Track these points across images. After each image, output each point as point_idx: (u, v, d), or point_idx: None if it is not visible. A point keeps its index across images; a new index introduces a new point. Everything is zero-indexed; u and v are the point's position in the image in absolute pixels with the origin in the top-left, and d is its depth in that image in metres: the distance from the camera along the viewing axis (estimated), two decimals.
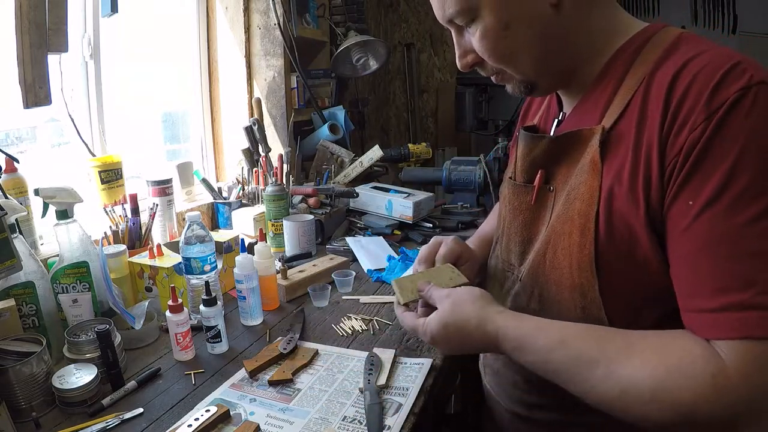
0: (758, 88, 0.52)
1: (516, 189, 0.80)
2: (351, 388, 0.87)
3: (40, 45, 1.07)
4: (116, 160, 1.35)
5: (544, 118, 0.83)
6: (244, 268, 1.10)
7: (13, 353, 0.85)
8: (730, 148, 0.52)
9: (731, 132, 0.52)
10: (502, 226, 0.86)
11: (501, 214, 0.87)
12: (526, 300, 0.77)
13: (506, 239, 0.84)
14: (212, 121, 2.04)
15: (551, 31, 0.65)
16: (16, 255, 0.90)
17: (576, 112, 0.72)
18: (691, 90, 0.55)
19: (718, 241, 0.53)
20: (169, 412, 0.83)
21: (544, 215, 0.75)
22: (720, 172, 0.53)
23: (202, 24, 1.95)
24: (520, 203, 0.79)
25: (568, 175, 0.70)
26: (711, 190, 0.53)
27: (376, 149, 1.93)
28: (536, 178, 0.75)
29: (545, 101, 0.86)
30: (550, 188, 0.74)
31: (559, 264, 0.69)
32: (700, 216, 0.54)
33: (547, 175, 0.74)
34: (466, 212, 1.82)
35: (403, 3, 3.27)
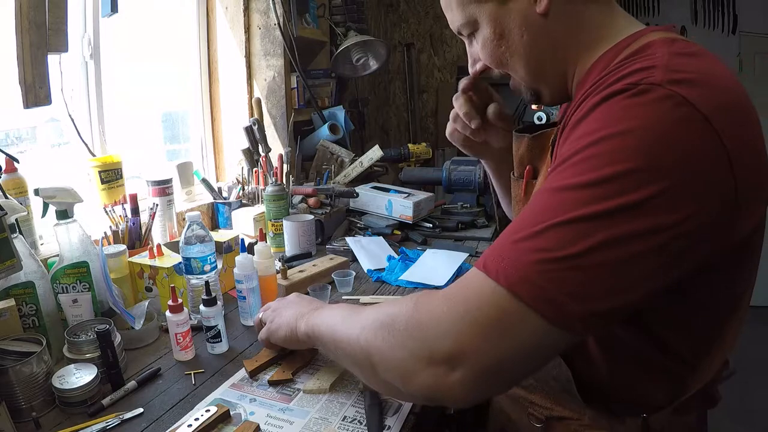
0: (648, 87, 0.51)
1: (514, 183, 0.88)
2: (351, 388, 0.87)
3: (40, 45, 1.07)
4: (116, 160, 1.35)
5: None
6: (244, 268, 1.10)
7: (13, 353, 0.85)
8: (587, 128, 0.54)
9: (596, 115, 0.54)
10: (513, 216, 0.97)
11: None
12: None
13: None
14: (212, 121, 2.04)
15: (541, 39, 0.68)
16: (16, 255, 0.90)
17: (561, 113, 0.83)
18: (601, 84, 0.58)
19: (534, 196, 0.59)
20: (169, 412, 0.83)
21: None
22: (572, 145, 0.54)
23: (202, 24, 1.95)
24: (516, 195, 0.87)
25: (546, 169, 0.78)
26: (560, 159, 0.56)
27: (376, 149, 1.93)
28: (526, 173, 0.83)
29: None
30: (535, 182, 0.82)
31: None
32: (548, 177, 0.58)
33: (535, 171, 0.82)
34: (466, 212, 1.82)
35: (403, 3, 3.27)
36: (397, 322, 0.59)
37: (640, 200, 0.48)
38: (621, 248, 0.49)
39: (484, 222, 1.78)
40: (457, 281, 0.58)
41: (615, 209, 0.49)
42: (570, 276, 0.49)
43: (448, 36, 3.23)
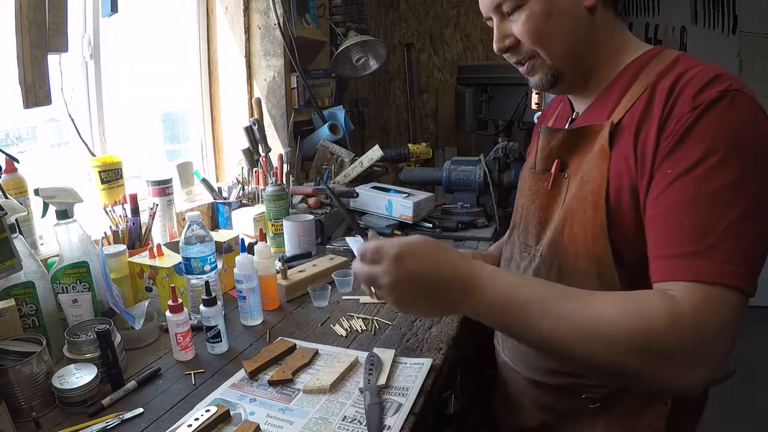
0: (734, 93, 0.66)
1: (536, 177, 0.91)
2: (351, 388, 0.87)
3: (40, 45, 1.07)
4: (116, 160, 1.35)
5: (558, 120, 0.99)
6: (244, 268, 1.10)
7: (13, 353, 0.85)
8: (706, 134, 0.65)
9: (709, 122, 0.65)
10: (520, 214, 0.97)
11: (519, 203, 0.99)
12: (546, 272, 0.85)
13: (524, 224, 0.94)
14: (212, 121, 2.04)
15: (582, 30, 0.79)
16: (16, 255, 0.90)
17: (587, 112, 0.87)
18: (683, 92, 0.69)
19: (684, 203, 0.65)
20: (169, 412, 0.83)
21: (559, 198, 0.86)
22: (697, 150, 0.65)
23: (202, 24, 1.95)
24: (538, 189, 0.90)
25: (580, 163, 0.82)
26: (687, 163, 0.66)
27: (376, 149, 1.93)
28: (553, 167, 0.87)
29: (558, 109, 1.01)
30: (564, 175, 0.86)
31: (575, 237, 0.80)
32: (674, 182, 0.67)
33: (563, 164, 0.86)
34: (466, 212, 1.81)
35: (403, 3, 3.27)
36: (656, 342, 0.61)
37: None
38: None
39: (484, 222, 1.78)
40: (699, 300, 0.62)
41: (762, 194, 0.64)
42: (752, 256, 0.63)
43: (448, 36, 3.23)
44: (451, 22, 3.20)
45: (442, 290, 0.67)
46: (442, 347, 1.00)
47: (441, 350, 0.99)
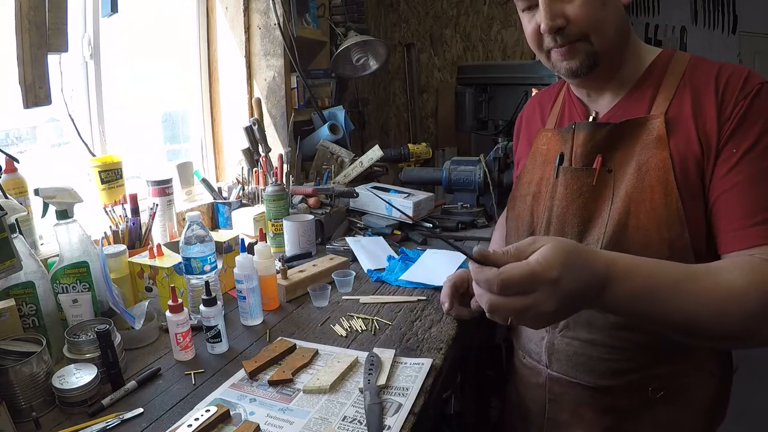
0: (766, 84, 0.78)
1: (575, 174, 0.89)
2: (351, 388, 0.87)
3: (40, 45, 1.07)
4: (116, 160, 1.35)
5: (567, 119, 0.98)
6: (244, 268, 1.10)
7: (13, 353, 0.85)
8: (759, 116, 0.76)
9: (759, 107, 0.76)
10: (546, 216, 0.94)
11: (544, 204, 0.95)
12: None
13: (558, 225, 0.91)
14: (212, 121, 2.04)
15: (624, 23, 0.85)
16: (16, 255, 0.90)
17: (620, 108, 0.89)
18: (730, 83, 0.79)
19: (755, 176, 0.74)
20: (169, 412, 0.83)
21: (604, 194, 0.86)
22: (755, 130, 0.75)
23: (202, 24, 1.95)
24: (579, 186, 0.89)
25: (626, 157, 0.85)
26: (749, 141, 0.75)
27: (376, 149, 1.93)
28: (596, 162, 0.87)
29: (550, 110, 1.03)
30: (608, 170, 0.86)
31: (644, 225, 0.81)
32: (742, 159, 0.75)
33: (605, 159, 0.87)
34: (466, 212, 1.82)
35: (403, 3, 3.27)
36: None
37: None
38: None
39: (484, 222, 1.78)
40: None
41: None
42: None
43: (448, 36, 3.23)
44: (451, 22, 3.20)
45: (581, 295, 0.62)
46: (442, 347, 1.00)
47: (441, 350, 0.99)
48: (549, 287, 0.58)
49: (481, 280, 0.60)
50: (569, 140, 0.91)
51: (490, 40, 3.15)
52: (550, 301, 0.59)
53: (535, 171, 0.99)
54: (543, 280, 0.58)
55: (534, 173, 0.98)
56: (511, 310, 0.59)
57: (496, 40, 3.14)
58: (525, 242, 0.63)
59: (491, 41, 3.15)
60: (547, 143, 0.98)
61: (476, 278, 0.60)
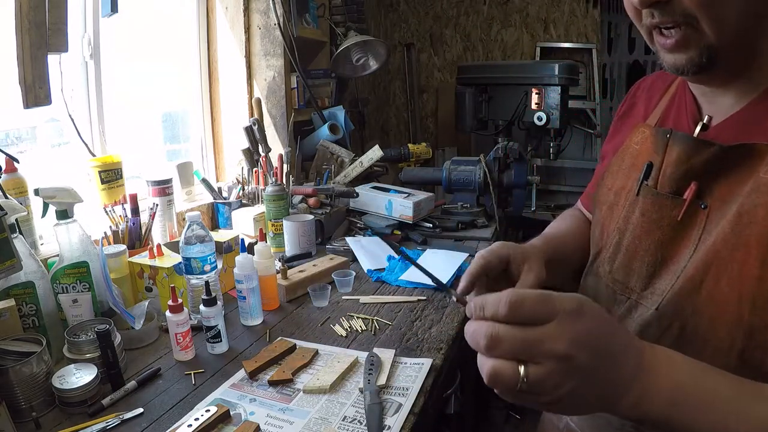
0: None
1: (658, 200, 0.69)
2: (351, 388, 0.87)
3: (40, 45, 1.07)
4: (116, 160, 1.35)
5: (676, 121, 0.74)
6: (244, 268, 1.10)
7: (13, 353, 0.85)
8: None
9: None
10: (616, 240, 0.75)
11: (617, 224, 0.76)
12: (657, 333, 0.66)
13: (626, 257, 0.73)
14: (212, 121, 2.04)
15: (761, 9, 0.59)
16: (16, 255, 0.90)
17: (739, 121, 0.65)
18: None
19: None
20: (169, 412, 0.83)
21: (690, 235, 0.66)
22: None
23: (202, 24, 1.95)
24: (660, 217, 0.69)
25: (731, 194, 0.62)
26: None
27: (376, 149, 1.93)
28: (687, 191, 0.66)
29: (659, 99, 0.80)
30: (702, 205, 0.65)
31: (721, 297, 0.60)
32: None
33: (700, 189, 0.65)
34: (466, 212, 1.82)
35: (403, 3, 3.27)
36: None
37: None
38: None
39: (484, 222, 1.78)
40: None
41: None
42: None
43: (448, 36, 3.23)
44: (451, 22, 3.20)
45: (614, 363, 0.47)
46: (442, 347, 1.00)
47: (441, 350, 0.99)
48: (566, 318, 0.45)
49: (488, 302, 0.46)
50: (661, 151, 0.70)
51: (490, 40, 3.15)
52: (563, 338, 0.44)
53: (618, 175, 0.79)
54: (559, 308, 0.45)
55: (617, 178, 0.79)
56: (516, 343, 0.45)
57: (496, 40, 3.14)
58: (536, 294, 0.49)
59: (491, 41, 3.15)
60: (641, 143, 0.76)
61: (481, 303, 0.47)
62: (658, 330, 0.66)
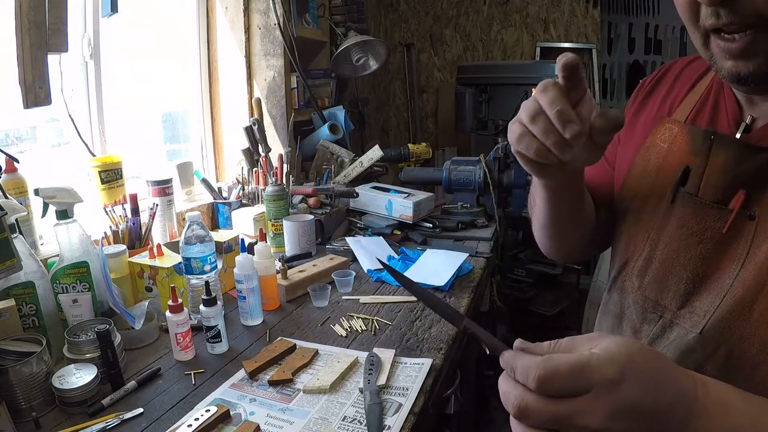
0: None
1: (701, 210, 0.63)
2: (351, 388, 0.87)
3: (40, 45, 1.07)
4: (116, 160, 1.35)
5: (708, 118, 0.68)
6: (244, 268, 1.10)
7: (13, 353, 0.85)
8: None
9: None
10: (647, 252, 0.68)
11: (646, 235, 0.69)
12: (701, 359, 0.60)
13: (660, 271, 0.66)
14: (212, 121, 2.04)
15: None
16: (16, 255, 0.90)
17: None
18: None
19: None
20: (169, 412, 0.83)
21: (736, 249, 0.60)
22: None
23: (202, 24, 1.95)
24: (702, 229, 0.63)
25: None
26: None
27: (376, 149, 1.93)
28: (734, 201, 0.60)
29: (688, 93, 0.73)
30: (750, 215, 0.59)
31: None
32: None
33: (748, 198, 0.60)
34: (466, 212, 1.81)
35: (403, 3, 3.27)
36: None
37: None
38: None
39: (484, 222, 1.78)
40: None
41: None
42: None
43: (448, 36, 3.23)
44: (451, 22, 3.20)
45: (661, 418, 0.43)
46: (442, 347, 1.00)
47: (441, 350, 0.99)
48: (603, 390, 0.41)
49: (518, 366, 0.43)
50: (703, 156, 0.64)
51: (490, 40, 3.15)
52: (598, 412, 0.40)
53: (644, 178, 0.71)
54: (597, 380, 0.41)
55: (643, 179, 0.71)
56: (545, 416, 0.41)
57: (496, 40, 3.14)
58: (585, 336, 0.46)
59: (491, 41, 3.15)
60: (671, 141, 0.69)
61: (512, 364, 0.44)
62: (702, 356, 0.60)
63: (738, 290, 0.58)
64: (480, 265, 1.43)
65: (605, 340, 0.44)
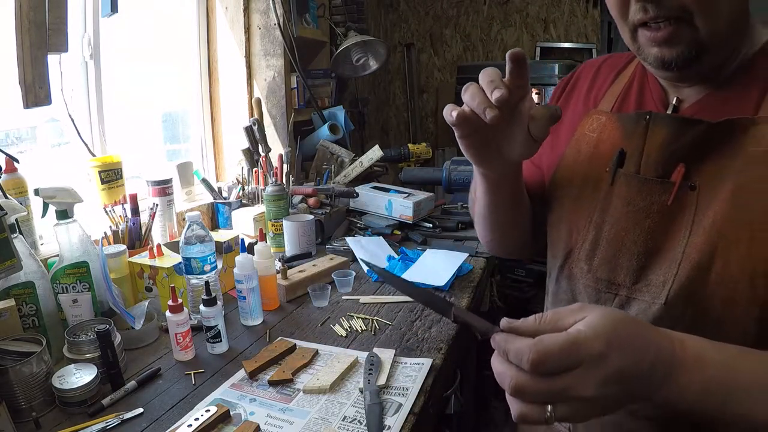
0: None
1: (644, 186, 0.67)
2: (351, 388, 0.87)
3: (40, 45, 1.07)
4: (116, 160, 1.35)
5: (634, 103, 0.74)
6: (244, 268, 1.10)
7: (13, 353, 0.85)
8: None
9: None
10: (593, 236, 0.71)
11: (589, 219, 0.72)
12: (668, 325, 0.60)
13: (609, 251, 0.69)
14: (212, 121, 2.04)
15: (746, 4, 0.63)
16: (16, 255, 0.90)
17: (710, 101, 0.66)
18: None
19: None
20: (169, 412, 0.83)
21: (682, 219, 0.64)
22: None
23: (202, 24, 1.95)
24: (649, 204, 0.66)
25: (719, 171, 0.62)
26: None
27: (376, 149, 1.93)
28: (675, 173, 0.64)
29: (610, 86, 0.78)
30: (691, 185, 0.64)
31: (733, 277, 0.59)
32: None
33: (687, 170, 0.64)
34: (466, 212, 1.81)
35: (403, 3, 3.27)
36: None
37: None
38: None
39: None
40: None
41: None
42: None
43: (448, 36, 3.23)
44: (451, 22, 3.20)
45: (640, 384, 0.48)
46: (442, 347, 1.00)
47: (441, 350, 0.99)
48: (592, 364, 0.45)
49: (510, 350, 0.46)
50: (639, 136, 0.68)
51: (490, 40, 3.15)
52: (592, 384, 0.44)
53: (578, 166, 0.75)
54: (586, 356, 0.45)
55: (577, 169, 0.75)
56: (541, 394, 0.45)
57: (496, 40, 3.14)
58: (567, 309, 0.50)
59: (491, 41, 3.15)
60: (600, 130, 0.73)
61: (504, 348, 0.47)
62: (669, 323, 0.62)
63: (693, 256, 0.62)
64: (480, 265, 1.43)
65: (588, 314, 0.47)
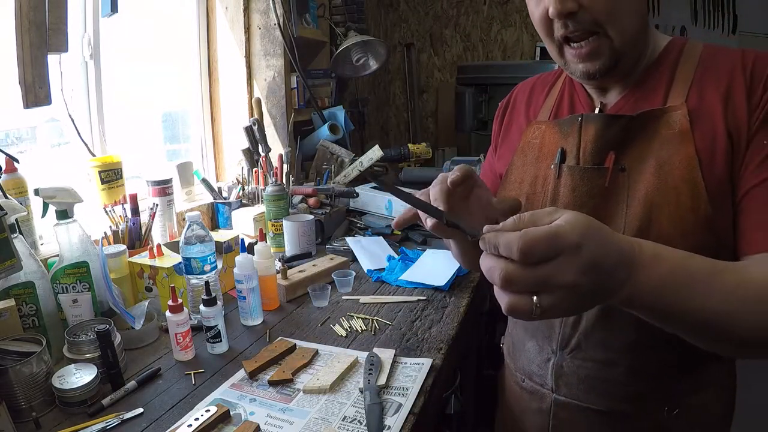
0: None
1: (584, 174, 0.79)
2: (351, 388, 0.87)
3: (40, 45, 1.07)
4: (116, 160, 1.35)
5: (567, 110, 0.87)
6: (244, 268, 1.10)
7: (13, 353, 0.85)
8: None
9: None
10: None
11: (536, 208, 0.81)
12: None
13: None
14: (212, 121, 2.04)
15: (644, 12, 0.76)
16: (16, 255, 0.90)
17: (628, 99, 0.80)
18: (757, 67, 0.71)
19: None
20: (169, 412, 0.83)
21: (619, 197, 0.77)
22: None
23: (202, 24, 1.95)
24: (590, 188, 0.79)
25: (642, 154, 0.76)
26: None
27: (376, 149, 1.93)
28: (608, 160, 0.77)
29: (544, 100, 0.91)
30: (621, 168, 0.77)
31: (666, 234, 0.72)
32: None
33: (617, 156, 0.77)
34: None
35: (403, 3, 3.27)
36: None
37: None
38: None
39: None
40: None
41: None
42: None
43: (448, 36, 3.23)
44: (451, 22, 3.20)
45: (609, 277, 0.53)
46: (442, 347, 1.00)
47: (441, 350, 0.99)
48: (572, 252, 0.49)
49: (501, 243, 0.49)
50: (574, 134, 0.81)
51: (490, 40, 3.15)
52: (571, 271, 0.49)
53: (526, 168, 0.88)
54: (566, 245, 0.49)
55: (525, 171, 0.88)
56: (528, 282, 0.49)
57: (496, 40, 3.14)
58: (542, 211, 0.54)
59: (491, 41, 3.15)
60: (541, 137, 0.87)
61: (494, 242, 0.50)
62: None
63: (634, 223, 0.75)
64: None
65: (564, 213, 0.53)
